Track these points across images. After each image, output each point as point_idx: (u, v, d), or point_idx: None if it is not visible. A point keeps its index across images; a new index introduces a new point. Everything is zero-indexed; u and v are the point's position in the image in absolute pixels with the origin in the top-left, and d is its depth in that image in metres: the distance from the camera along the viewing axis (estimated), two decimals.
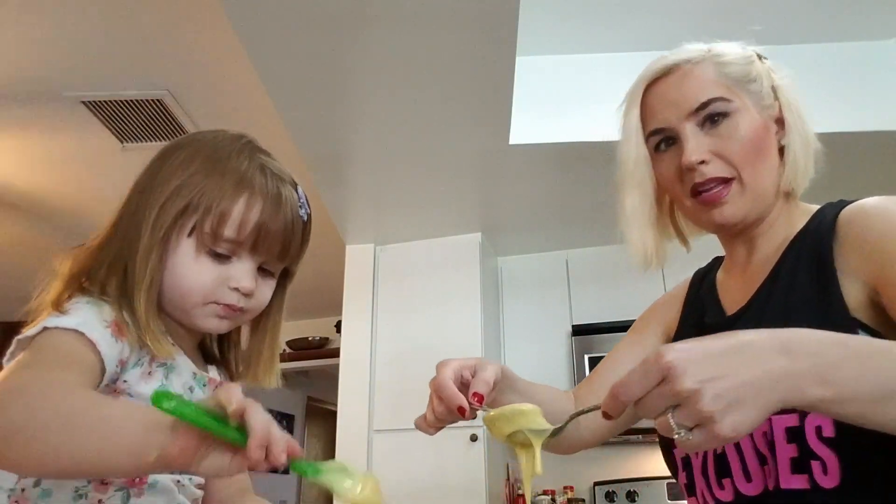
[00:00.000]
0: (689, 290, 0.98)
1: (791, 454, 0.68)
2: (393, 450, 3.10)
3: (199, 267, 0.74)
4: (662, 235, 0.93)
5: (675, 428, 0.52)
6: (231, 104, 2.76)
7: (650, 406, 0.54)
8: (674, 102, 0.82)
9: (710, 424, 0.51)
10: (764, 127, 0.81)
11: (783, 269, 0.78)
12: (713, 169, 0.79)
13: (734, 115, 0.80)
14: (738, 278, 0.87)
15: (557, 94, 2.70)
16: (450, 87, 2.32)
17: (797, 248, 0.79)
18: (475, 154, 2.76)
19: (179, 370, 0.77)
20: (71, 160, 3.12)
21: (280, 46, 2.07)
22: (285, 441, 0.50)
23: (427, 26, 2.02)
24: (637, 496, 3.18)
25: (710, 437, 0.51)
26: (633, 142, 0.87)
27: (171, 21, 2.31)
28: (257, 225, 0.74)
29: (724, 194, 0.80)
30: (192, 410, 0.48)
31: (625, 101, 0.89)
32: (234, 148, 0.78)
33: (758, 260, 0.84)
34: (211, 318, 0.77)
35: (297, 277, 0.89)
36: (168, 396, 0.47)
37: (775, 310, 0.76)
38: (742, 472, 0.73)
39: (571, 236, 3.52)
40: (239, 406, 0.48)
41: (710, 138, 0.80)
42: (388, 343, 3.34)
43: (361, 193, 3.09)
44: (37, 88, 2.62)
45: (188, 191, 0.74)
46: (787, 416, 0.68)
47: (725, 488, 0.75)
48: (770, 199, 0.82)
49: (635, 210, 0.89)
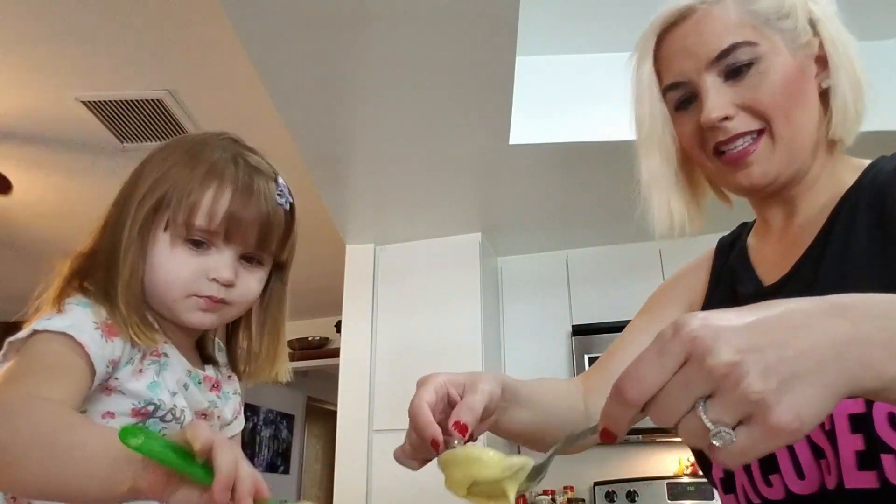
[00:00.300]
0: (716, 259, 0.85)
1: (857, 446, 0.57)
2: (393, 450, 3.10)
3: (176, 259, 0.75)
4: (692, 199, 0.81)
5: (712, 428, 0.38)
6: (231, 104, 2.76)
7: (671, 402, 0.39)
8: (690, 52, 0.71)
9: (763, 412, 0.36)
10: (799, 70, 0.69)
11: (835, 230, 0.67)
12: (739, 124, 0.69)
13: (762, 61, 0.68)
14: (775, 244, 0.76)
15: (557, 94, 2.70)
16: (450, 87, 2.32)
17: (851, 205, 0.68)
18: (475, 154, 2.76)
19: (173, 367, 0.77)
20: (71, 160, 3.12)
21: (280, 46, 2.07)
22: (251, 482, 0.48)
23: (427, 26, 2.02)
24: (637, 496, 3.18)
25: (764, 433, 0.37)
26: (646, 99, 0.76)
27: (170, 21, 2.31)
28: (227, 213, 0.75)
29: (752, 151, 0.69)
30: (160, 448, 0.47)
31: (634, 52, 0.78)
32: (209, 143, 0.80)
33: (800, 223, 0.73)
34: (194, 312, 0.77)
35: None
36: (135, 433, 0.45)
37: (829, 277, 0.65)
38: (793, 467, 0.62)
39: (571, 236, 3.53)
40: (205, 445, 0.47)
41: (734, 90, 0.69)
42: (388, 343, 3.34)
43: (361, 193, 3.09)
44: (37, 88, 2.63)
45: (163, 185, 0.75)
46: (851, 401, 0.57)
47: (774, 485, 0.64)
48: (808, 153, 0.70)
49: (655, 174, 0.79)
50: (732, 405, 0.37)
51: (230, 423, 0.90)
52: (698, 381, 0.38)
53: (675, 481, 3.18)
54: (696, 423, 0.39)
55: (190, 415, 0.78)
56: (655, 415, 0.40)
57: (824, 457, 0.59)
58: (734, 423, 0.38)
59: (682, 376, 0.39)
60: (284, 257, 0.85)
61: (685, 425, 0.39)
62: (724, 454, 0.38)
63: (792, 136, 0.68)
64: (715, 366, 0.37)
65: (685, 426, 0.39)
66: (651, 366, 0.40)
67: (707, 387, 0.38)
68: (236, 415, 0.91)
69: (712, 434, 0.38)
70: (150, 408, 0.73)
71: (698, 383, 0.38)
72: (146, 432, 0.46)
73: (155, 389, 0.74)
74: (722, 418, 0.38)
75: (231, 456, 0.47)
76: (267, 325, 0.87)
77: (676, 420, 0.39)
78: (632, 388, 0.40)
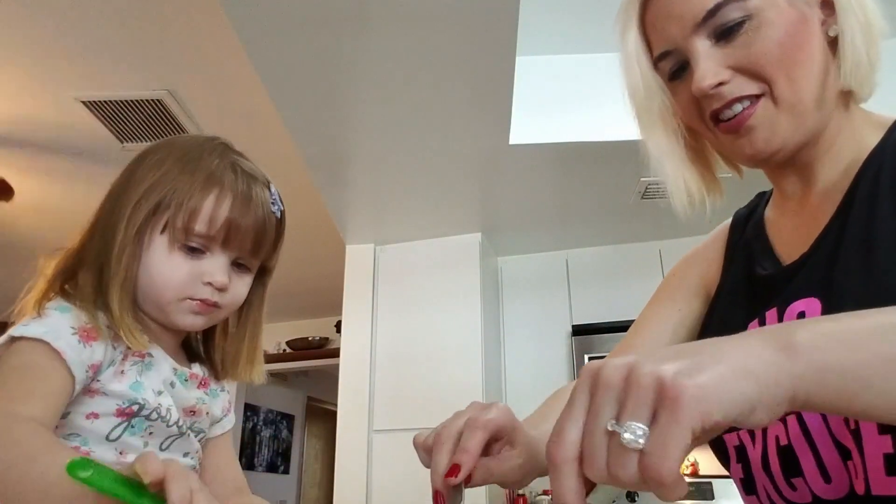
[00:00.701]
0: (731, 235, 0.78)
1: (885, 449, 0.51)
2: (393, 450, 3.10)
3: (172, 263, 0.76)
4: (706, 169, 0.75)
5: (618, 428, 0.36)
6: (231, 104, 2.76)
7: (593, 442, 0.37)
8: (675, 15, 0.65)
9: (662, 391, 0.36)
10: (799, 20, 0.62)
11: (858, 195, 0.61)
12: (735, 88, 0.62)
13: (755, 16, 0.61)
14: (793, 216, 0.70)
15: (557, 94, 2.70)
16: (450, 88, 2.32)
17: (874, 168, 0.61)
18: (475, 154, 2.76)
19: (158, 366, 0.78)
20: (71, 160, 3.12)
21: (280, 46, 2.07)
22: None
23: (427, 26, 2.03)
24: (637, 496, 3.18)
25: (669, 414, 0.35)
26: (636, 69, 0.70)
27: (170, 21, 2.31)
28: (227, 220, 0.76)
29: (749, 116, 0.62)
30: (109, 482, 0.46)
31: (618, 20, 0.72)
32: (205, 148, 0.80)
33: (820, 191, 0.66)
34: (186, 315, 0.78)
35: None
36: (84, 466, 0.45)
37: (851, 249, 0.59)
38: (818, 469, 0.57)
39: (571, 236, 3.53)
40: (155, 478, 0.46)
41: (726, 51, 0.63)
42: (388, 343, 3.34)
43: (361, 193, 3.09)
44: (37, 88, 2.63)
45: (160, 189, 0.76)
46: None
47: (799, 489, 0.59)
48: (819, 111, 0.63)
49: (661, 147, 0.73)
50: (633, 401, 0.36)
51: (220, 421, 0.90)
52: (602, 403, 0.38)
53: None
54: (615, 444, 0.36)
55: (177, 413, 0.78)
56: (587, 465, 0.38)
57: (851, 458, 0.54)
58: (645, 420, 0.36)
59: (591, 411, 0.38)
60: (272, 263, 0.86)
61: (610, 458, 0.37)
62: (647, 459, 0.35)
63: (797, 96, 0.61)
64: (609, 377, 0.37)
65: (610, 459, 0.37)
66: (566, 420, 0.39)
67: (611, 404, 0.37)
68: (226, 412, 0.91)
69: (622, 432, 0.36)
70: (134, 407, 0.73)
71: (603, 405, 0.38)
72: (95, 466, 0.46)
73: (138, 389, 0.74)
74: (631, 420, 0.36)
75: (183, 489, 0.47)
76: (248, 327, 0.87)
77: (604, 458, 0.37)
78: (557, 449, 0.39)
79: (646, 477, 0.35)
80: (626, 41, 0.71)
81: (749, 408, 0.37)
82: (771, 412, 0.38)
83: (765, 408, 0.37)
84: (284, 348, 4.94)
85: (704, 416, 0.35)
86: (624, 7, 0.71)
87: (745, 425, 0.37)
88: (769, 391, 0.37)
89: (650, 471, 0.35)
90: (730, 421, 0.36)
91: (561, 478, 0.38)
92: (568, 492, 0.38)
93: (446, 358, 3.20)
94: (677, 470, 0.35)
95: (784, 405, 0.38)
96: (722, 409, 0.36)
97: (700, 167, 0.74)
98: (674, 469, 0.35)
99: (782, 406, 0.38)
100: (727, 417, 0.36)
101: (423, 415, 3.09)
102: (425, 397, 3.15)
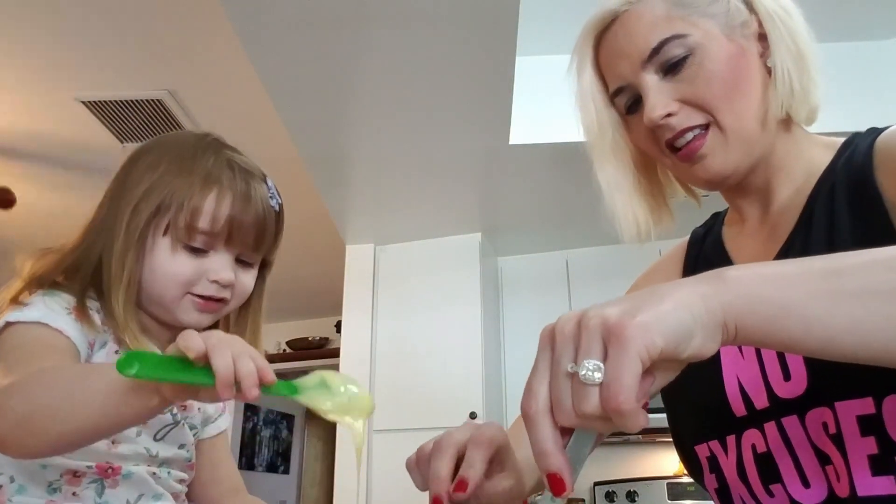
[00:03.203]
0: (689, 251, 0.83)
1: (869, 451, 0.54)
2: (393, 450, 3.10)
3: (177, 262, 0.76)
4: (655, 202, 0.79)
5: (580, 371, 0.40)
6: (231, 104, 2.76)
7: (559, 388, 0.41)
8: (624, 54, 0.69)
9: (609, 326, 0.40)
10: (738, 53, 0.67)
11: (816, 211, 0.65)
12: (683, 119, 0.67)
13: (697, 52, 0.66)
14: (752, 234, 0.74)
15: (557, 94, 2.69)
16: (450, 87, 2.32)
17: (829, 185, 0.65)
18: (475, 154, 2.76)
19: None
20: (70, 160, 3.12)
21: (280, 46, 2.07)
22: (253, 375, 0.50)
23: (427, 26, 2.03)
24: (637, 496, 3.18)
25: (617, 344, 0.39)
26: (591, 107, 0.75)
27: (170, 21, 2.31)
28: (229, 218, 0.77)
29: (700, 145, 0.67)
30: (156, 370, 0.49)
31: (573, 59, 0.77)
32: (199, 146, 0.81)
33: (776, 210, 0.71)
34: (192, 312, 0.79)
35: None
36: (129, 362, 0.47)
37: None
38: (797, 474, 0.59)
39: (571, 236, 3.53)
40: (198, 354, 0.49)
41: (673, 85, 0.67)
42: (388, 343, 3.34)
43: (361, 193, 3.09)
44: (37, 88, 2.63)
45: (159, 192, 0.76)
46: (858, 401, 0.54)
47: (776, 495, 0.60)
48: (761, 135, 0.68)
49: (612, 181, 0.78)
50: (585, 341, 0.41)
51: (216, 420, 0.91)
52: (561, 351, 0.42)
53: (674, 481, 3.18)
54: (576, 383, 0.40)
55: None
56: (556, 410, 0.41)
57: (830, 462, 0.56)
58: (598, 357, 0.40)
59: (553, 360, 0.42)
60: (272, 256, 0.87)
61: (574, 398, 0.40)
62: (605, 391, 0.39)
63: (740, 124, 0.66)
64: (562, 328, 0.42)
65: (574, 398, 0.40)
66: (533, 378, 0.43)
67: (569, 350, 0.42)
68: (221, 411, 0.91)
69: (579, 371, 0.40)
70: None
71: (562, 353, 0.42)
72: (140, 357, 0.48)
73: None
74: (586, 357, 0.40)
75: (226, 357, 0.49)
76: (248, 319, 0.88)
77: (569, 400, 0.41)
78: (529, 403, 0.42)
79: (606, 408, 0.39)
80: (581, 79, 0.76)
81: (687, 334, 0.41)
82: (708, 339, 0.42)
83: (701, 335, 0.41)
84: (284, 348, 4.94)
85: (649, 344, 0.39)
86: (579, 46, 0.76)
87: (686, 353, 0.41)
88: (703, 319, 0.41)
89: (610, 402, 0.39)
90: (672, 347, 0.40)
91: (537, 429, 0.42)
92: (545, 440, 0.42)
93: (446, 358, 3.20)
94: (633, 399, 0.38)
95: (718, 333, 0.42)
96: (663, 336, 0.40)
97: (651, 200, 0.79)
98: (629, 397, 0.38)
99: (717, 334, 0.42)
100: (669, 343, 0.40)
101: (423, 415, 3.09)
102: (425, 397, 3.15)
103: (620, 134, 0.75)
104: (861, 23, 2.58)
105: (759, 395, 0.62)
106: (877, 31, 2.63)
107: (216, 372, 0.49)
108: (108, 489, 0.73)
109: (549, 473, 0.41)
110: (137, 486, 0.75)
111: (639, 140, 0.74)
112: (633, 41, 0.69)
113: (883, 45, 2.67)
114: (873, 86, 2.57)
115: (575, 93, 0.78)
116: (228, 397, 0.50)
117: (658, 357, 0.40)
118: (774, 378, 0.61)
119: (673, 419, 0.75)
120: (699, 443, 0.69)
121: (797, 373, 0.59)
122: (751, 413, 0.63)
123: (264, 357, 0.53)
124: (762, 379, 0.62)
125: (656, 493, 3.17)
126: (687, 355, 0.41)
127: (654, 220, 0.78)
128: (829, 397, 0.56)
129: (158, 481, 0.78)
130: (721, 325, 0.42)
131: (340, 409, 0.56)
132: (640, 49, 0.68)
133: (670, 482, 3.18)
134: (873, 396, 0.53)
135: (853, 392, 0.54)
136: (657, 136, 0.69)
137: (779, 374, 0.61)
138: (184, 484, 0.82)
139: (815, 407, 0.57)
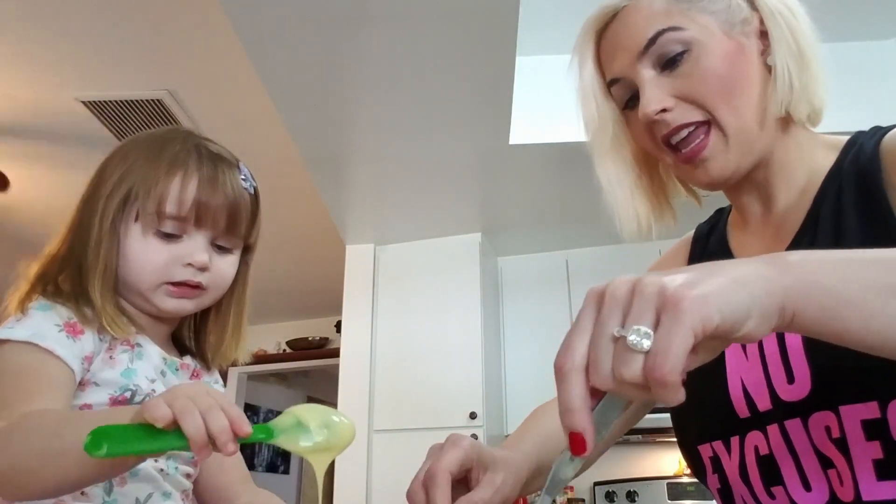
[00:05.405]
0: (693, 247, 0.82)
1: (874, 455, 0.53)
2: (393, 450, 3.10)
3: (149, 248, 0.77)
4: (657, 198, 0.78)
5: (623, 332, 0.38)
6: (231, 104, 2.76)
7: (599, 350, 0.39)
8: (623, 46, 0.69)
9: (664, 296, 0.38)
10: (737, 50, 0.66)
11: (823, 212, 0.64)
12: (679, 115, 0.66)
13: (694, 47, 0.66)
14: (757, 234, 0.73)
15: (557, 94, 2.69)
16: (450, 87, 2.32)
17: (835, 186, 0.65)
18: (475, 154, 2.76)
19: (148, 356, 0.79)
20: (70, 159, 3.12)
21: (280, 46, 2.07)
22: (226, 431, 0.50)
23: (427, 26, 2.03)
24: (637, 496, 3.18)
25: (675, 319, 0.37)
26: (591, 101, 0.74)
27: (170, 21, 2.31)
28: (195, 201, 0.77)
29: (703, 148, 0.66)
30: (127, 443, 0.48)
31: (574, 56, 0.76)
32: (168, 137, 0.83)
33: (780, 209, 0.70)
34: (167, 299, 0.79)
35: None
36: (97, 444, 0.46)
37: None
38: (799, 477, 0.59)
39: (571, 236, 3.52)
40: (165, 422, 0.49)
41: (670, 80, 0.67)
42: (388, 343, 3.34)
43: (361, 193, 3.09)
44: (37, 88, 2.63)
45: (129, 180, 0.78)
46: (863, 406, 0.54)
47: (777, 497, 0.60)
48: (761, 134, 0.67)
49: (612, 177, 0.77)
50: (637, 307, 0.39)
51: None
52: (608, 314, 0.39)
53: (675, 481, 3.18)
54: (620, 347, 0.38)
55: None
56: (593, 370, 0.39)
57: (833, 466, 0.56)
58: (649, 324, 0.38)
59: (598, 321, 0.40)
60: (252, 240, 0.87)
61: (615, 361, 0.38)
62: (652, 359, 0.37)
63: (739, 122, 0.65)
64: (614, 290, 0.40)
65: (615, 362, 0.38)
66: (573, 333, 0.41)
67: (617, 314, 0.39)
68: None
69: (627, 335, 0.38)
70: (127, 394, 0.74)
71: (610, 315, 0.39)
72: (108, 436, 0.47)
73: (130, 376, 0.75)
74: (637, 324, 0.38)
75: (195, 420, 0.49)
76: (232, 305, 0.88)
77: (609, 362, 0.39)
78: (564, 359, 0.40)
79: (649, 377, 0.37)
80: (583, 75, 0.75)
81: (745, 314, 0.39)
82: (763, 322, 0.40)
83: (758, 317, 0.40)
84: (284, 348, 4.94)
85: (705, 319, 0.37)
86: (580, 43, 0.75)
87: (740, 332, 0.40)
88: (761, 301, 0.40)
89: (654, 371, 0.37)
90: (727, 325, 0.38)
91: (568, 386, 0.40)
92: (574, 398, 0.40)
93: (446, 358, 3.20)
94: (679, 371, 0.37)
95: (774, 317, 0.41)
96: (721, 313, 0.38)
97: (652, 197, 0.78)
98: (675, 369, 0.36)
99: (773, 318, 0.41)
100: (725, 321, 0.38)
101: (423, 415, 3.09)
102: (425, 397, 3.15)
103: (621, 129, 0.75)
104: (861, 23, 2.58)
105: (762, 398, 0.62)
106: (877, 31, 2.63)
107: (188, 437, 0.49)
108: (116, 487, 0.73)
109: (572, 432, 0.40)
110: (146, 483, 0.75)
111: (637, 137, 0.73)
112: (630, 33, 0.68)
113: (883, 45, 2.67)
114: (873, 86, 2.58)
115: (576, 89, 0.77)
116: (206, 456, 0.51)
117: (711, 334, 0.38)
118: (778, 380, 0.61)
119: (677, 419, 0.74)
120: (703, 443, 0.69)
121: (801, 376, 0.59)
122: (754, 415, 0.63)
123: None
124: (766, 381, 0.62)
125: (656, 493, 3.17)
126: (740, 335, 0.40)
127: (655, 216, 0.77)
128: (833, 401, 0.56)
129: (166, 478, 0.78)
130: (779, 310, 0.41)
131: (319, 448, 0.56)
132: (636, 41, 0.68)
133: (670, 482, 3.18)
134: (878, 401, 0.53)
135: (858, 396, 0.54)
136: (654, 131, 0.69)
137: (782, 377, 0.61)
138: (190, 479, 0.82)
139: (819, 410, 0.57)
